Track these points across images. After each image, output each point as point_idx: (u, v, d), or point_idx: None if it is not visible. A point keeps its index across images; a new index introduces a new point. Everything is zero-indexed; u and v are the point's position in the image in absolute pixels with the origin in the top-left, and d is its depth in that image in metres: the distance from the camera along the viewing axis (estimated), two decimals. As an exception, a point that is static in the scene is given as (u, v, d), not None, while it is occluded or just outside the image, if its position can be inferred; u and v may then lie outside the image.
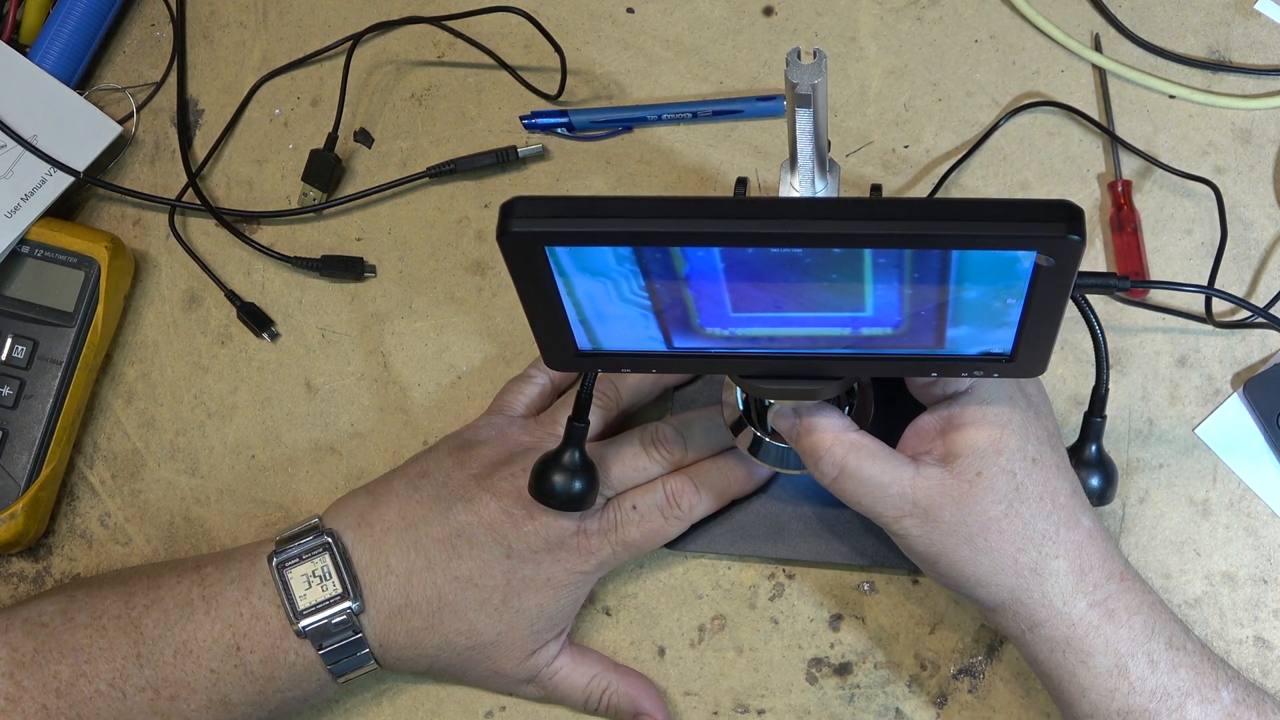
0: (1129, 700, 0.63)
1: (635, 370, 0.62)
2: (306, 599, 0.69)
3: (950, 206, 0.51)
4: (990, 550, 0.63)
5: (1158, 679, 0.63)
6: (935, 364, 0.59)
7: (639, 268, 0.54)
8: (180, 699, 0.69)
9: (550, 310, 0.57)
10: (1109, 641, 0.63)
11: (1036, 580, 0.64)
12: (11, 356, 0.79)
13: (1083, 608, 0.64)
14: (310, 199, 0.82)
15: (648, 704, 0.73)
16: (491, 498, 0.69)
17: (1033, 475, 0.64)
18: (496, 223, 0.52)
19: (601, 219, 0.51)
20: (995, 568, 0.64)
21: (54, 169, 0.80)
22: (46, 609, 0.71)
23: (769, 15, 0.83)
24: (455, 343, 0.80)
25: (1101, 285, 0.56)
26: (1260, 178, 0.78)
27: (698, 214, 0.51)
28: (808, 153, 0.60)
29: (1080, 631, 0.64)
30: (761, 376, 0.62)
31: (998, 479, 0.63)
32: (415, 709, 0.76)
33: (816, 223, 0.50)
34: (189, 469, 0.80)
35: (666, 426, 0.72)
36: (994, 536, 0.63)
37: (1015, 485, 0.63)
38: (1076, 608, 0.64)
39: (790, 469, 0.71)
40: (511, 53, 0.83)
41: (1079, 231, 0.49)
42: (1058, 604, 0.64)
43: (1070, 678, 0.64)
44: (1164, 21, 0.80)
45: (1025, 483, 0.63)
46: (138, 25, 0.86)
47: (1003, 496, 0.63)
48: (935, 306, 0.55)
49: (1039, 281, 0.52)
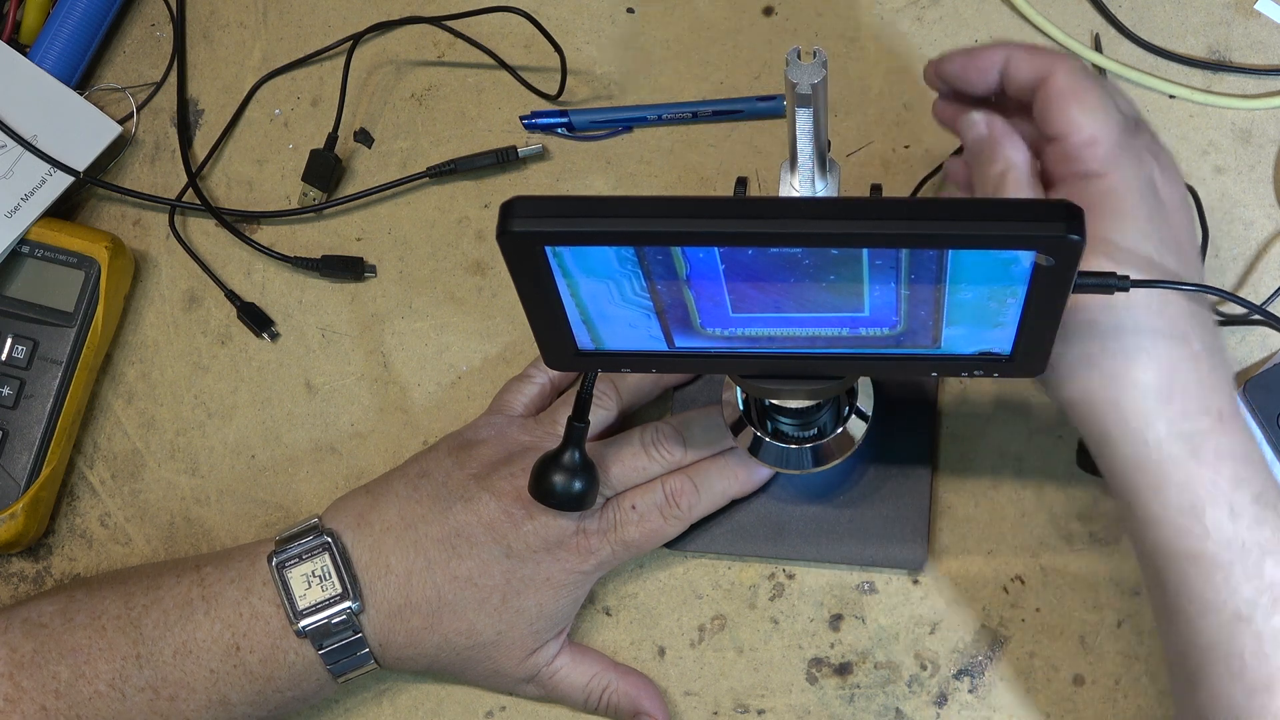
0: (1201, 545, 0.59)
1: (635, 370, 0.62)
2: (306, 599, 0.69)
3: (949, 206, 0.51)
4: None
5: (1236, 530, 0.59)
6: (934, 363, 0.59)
7: (640, 268, 0.54)
8: (179, 699, 0.69)
9: (550, 310, 0.57)
10: (1189, 479, 0.59)
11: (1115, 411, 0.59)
12: (11, 356, 0.79)
13: (1161, 432, 0.59)
14: (310, 199, 0.82)
15: (648, 703, 0.73)
16: (491, 497, 0.69)
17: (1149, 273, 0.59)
18: (496, 222, 0.52)
19: (601, 219, 0.51)
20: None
21: (54, 169, 0.80)
22: (46, 609, 0.71)
23: (769, 15, 0.83)
24: (455, 343, 0.80)
25: (1101, 284, 0.56)
26: (1260, 178, 0.78)
27: (698, 214, 0.51)
28: (808, 153, 0.60)
29: (1155, 457, 0.59)
30: (761, 376, 0.63)
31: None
32: (415, 709, 0.76)
33: (815, 222, 0.50)
34: (189, 469, 0.80)
35: (666, 426, 0.72)
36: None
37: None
38: (1155, 430, 0.59)
39: (790, 469, 0.71)
40: (511, 53, 0.83)
41: (1079, 231, 0.49)
42: (1132, 421, 0.59)
43: (1139, 502, 0.60)
44: (1164, 21, 0.80)
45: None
46: (138, 25, 0.86)
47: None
48: (933, 307, 0.55)
49: (1038, 281, 0.52)
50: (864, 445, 0.70)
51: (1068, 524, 0.74)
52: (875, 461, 0.75)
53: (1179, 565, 0.60)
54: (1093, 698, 0.72)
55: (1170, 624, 0.62)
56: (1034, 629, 0.73)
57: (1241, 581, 0.59)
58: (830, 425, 0.69)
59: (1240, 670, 0.60)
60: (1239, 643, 0.59)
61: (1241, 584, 0.59)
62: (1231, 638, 0.60)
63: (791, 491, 0.75)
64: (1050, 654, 0.73)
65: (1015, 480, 0.75)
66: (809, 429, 0.69)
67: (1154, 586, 0.63)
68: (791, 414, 0.68)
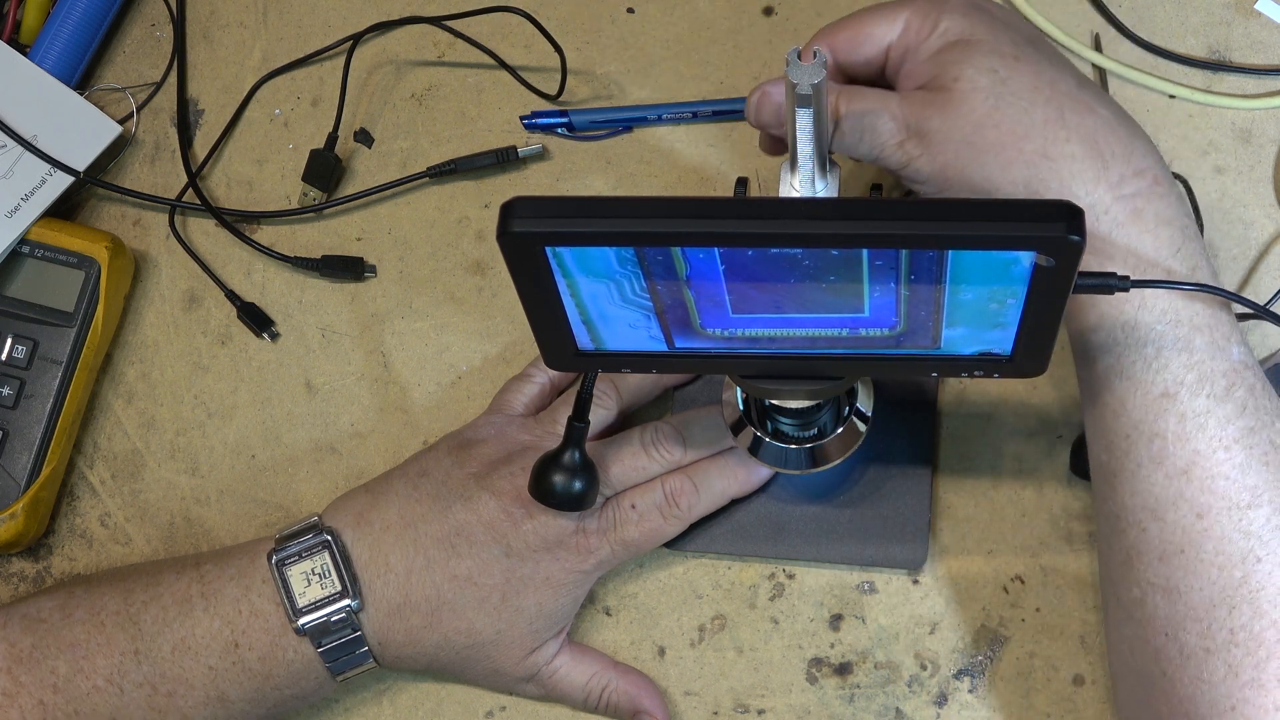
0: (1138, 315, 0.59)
1: (636, 370, 0.62)
2: (305, 596, 0.69)
3: (949, 207, 0.51)
4: (990, 147, 0.60)
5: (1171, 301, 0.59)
6: (934, 364, 0.59)
7: (640, 269, 0.54)
8: (178, 695, 0.69)
9: (550, 310, 0.57)
10: (1131, 245, 0.59)
11: (1050, 166, 0.59)
12: (11, 356, 0.79)
13: (1107, 199, 0.59)
14: (310, 199, 0.82)
15: (647, 702, 0.73)
16: (490, 496, 0.69)
17: (1018, 70, 0.61)
18: (497, 223, 0.52)
19: (601, 219, 0.51)
20: (1002, 163, 0.60)
21: (54, 169, 0.80)
22: (45, 605, 0.71)
23: (769, 15, 0.83)
24: (455, 343, 0.80)
25: (1101, 285, 0.56)
26: (1260, 178, 0.78)
27: (698, 214, 0.51)
28: (808, 153, 0.60)
29: (1104, 227, 0.59)
30: (761, 376, 0.63)
31: (978, 78, 0.60)
32: (415, 708, 0.76)
33: (816, 223, 0.50)
34: (189, 469, 0.80)
35: (666, 426, 0.72)
36: (990, 131, 0.60)
37: (999, 80, 0.60)
38: (1100, 198, 0.59)
39: (790, 469, 0.71)
40: (511, 53, 0.83)
41: (1079, 231, 0.49)
42: (1079, 191, 0.59)
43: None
44: (1164, 21, 0.80)
45: (1010, 77, 0.60)
46: (138, 25, 0.86)
47: (988, 92, 0.60)
48: (933, 308, 0.55)
49: (1038, 282, 0.52)
50: (864, 445, 0.71)
51: (1068, 524, 0.74)
52: (875, 461, 0.75)
53: (1113, 334, 0.60)
54: (1093, 698, 0.72)
55: (1098, 411, 0.62)
56: (1034, 629, 0.73)
57: (1171, 356, 0.59)
58: (830, 425, 0.69)
59: (1161, 453, 0.60)
60: (1162, 423, 0.59)
61: (1171, 358, 0.59)
62: (1156, 417, 0.60)
63: (791, 491, 0.75)
64: (1050, 654, 0.73)
65: (1015, 480, 0.75)
66: (809, 429, 0.69)
67: (1084, 369, 0.63)
68: (791, 414, 0.68)
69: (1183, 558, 0.59)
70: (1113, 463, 0.62)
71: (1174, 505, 0.59)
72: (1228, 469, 0.59)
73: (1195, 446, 0.59)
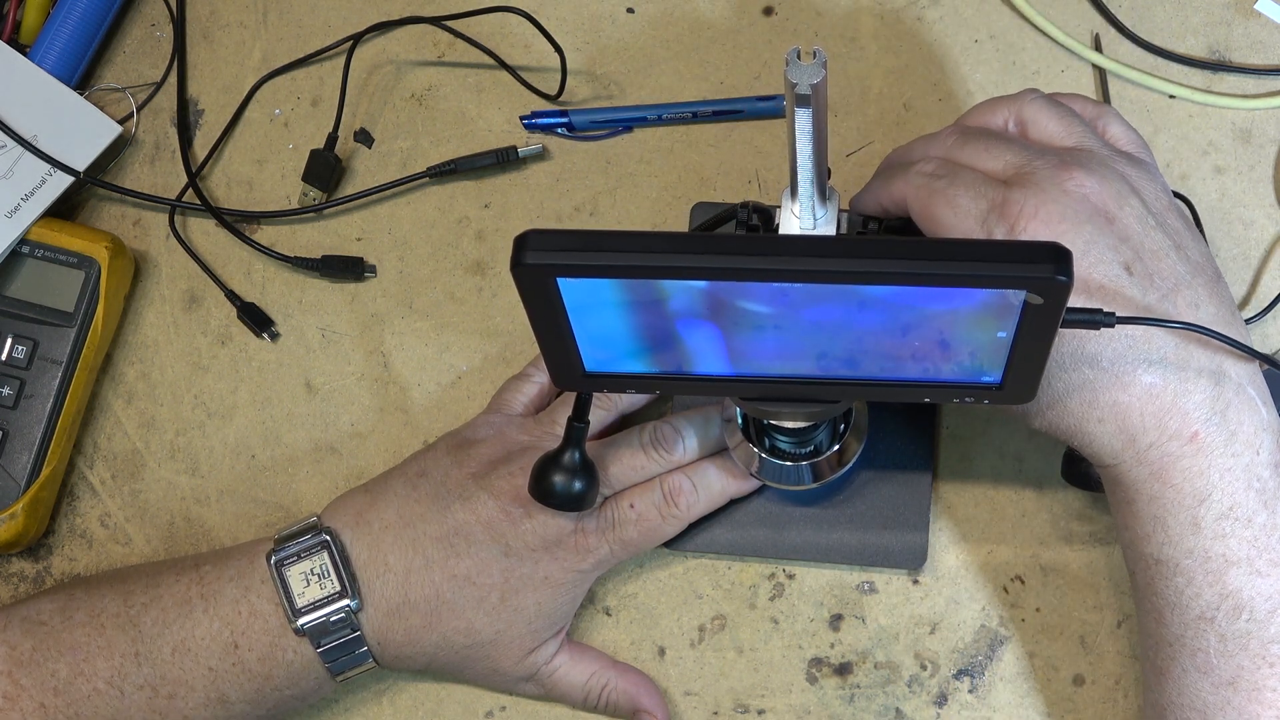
0: (1163, 551, 0.62)
1: (640, 391, 0.63)
2: (305, 597, 0.69)
3: (942, 247, 0.53)
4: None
5: (1198, 541, 0.61)
6: (928, 390, 0.60)
7: (646, 300, 0.55)
8: (178, 697, 0.69)
9: (559, 335, 0.58)
10: (1153, 497, 0.62)
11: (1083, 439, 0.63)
12: (11, 356, 0.79)
13: (1130, 464, 0.62)
14: (310, 199, 0.82)
15: (647, 701, 0.73)
16: (489, 496, 0.69)
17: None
18: (510, 254, 0.53)
19: (610, 253, 0.53)
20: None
21: (54, 169, 0.80)
22: (45, 607, 0.71)
23: (769, 15, 0.83)
24: (455, 343, 0.80)
25: (1088, 320, 0.58)
26: (1260, 178, 0.78)
27: (705, 250, 0.53)
28: (807, 153, 0.60)
29: (1126, 480, 0.62)
30: (762, 399, 0.63)
31: None
32: (415, 709, 0.76)
33: (816, 260, 0.52)
34: (189, 469, 0.80)
35: (666, 426, 0.72)
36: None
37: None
38: (1124, 462, 0.62)
39: (789, 484, 0.71)
40: (511, 53, 0.83)
41: (1066, 273, 0.51)
42: (1105, 459, 0.63)
43: (1116, 507, 0.64)
44: (1164, 21, 0.80)
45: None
46: (138, 25, 0.86)
47: None
48: (928, 340, 0.57)
49: (1028, 317, 0.54)
50: (863, 450, 0.71)
51: (1068, 524, 0.74)
52: (875, 461, 0.75)
53: (1145, 567, 0.63)
54: (1093, 698, 0.72)
55: (1141, 617, 0.65)
56: (1034, 629, 0.73)
57: (1203, 587, 0.62)
58: (827, 443, 0.70)
59: (1206, 665, 0.62)
60: (1203, 640, 0.62)
61: (1203, 589, 0.62)
62: (1196, 635, 0.62)
63: (791, 492, 0.75)
64: (1050, 654, 0.73)
65: (1015, 480, 0.75)
66: (806, 446, 0.70)
67: (1131, 581, 0.66)
68: (790, 432, 0.69)
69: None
70: (1158, 666, 0.64)
71: (1221, 710, 0.62)
72: (1274, 682, 0.61)
73: (1239, 662, 0.61)
